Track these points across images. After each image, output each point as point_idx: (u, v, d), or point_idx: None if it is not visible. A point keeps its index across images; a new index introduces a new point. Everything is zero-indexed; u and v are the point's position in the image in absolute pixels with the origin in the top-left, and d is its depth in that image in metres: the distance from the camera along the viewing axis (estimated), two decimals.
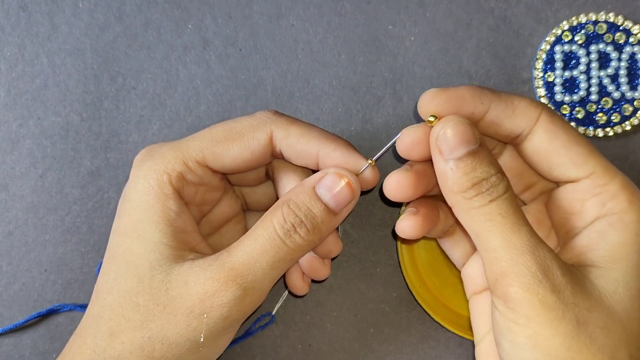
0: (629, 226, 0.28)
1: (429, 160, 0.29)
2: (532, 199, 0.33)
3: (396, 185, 0.30)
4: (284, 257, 0.29)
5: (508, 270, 0.26)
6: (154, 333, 0.29)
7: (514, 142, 0.30)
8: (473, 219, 0.27)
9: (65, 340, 0.31)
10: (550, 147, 0.29)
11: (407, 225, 0.31)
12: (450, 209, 0.31)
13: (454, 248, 0.35)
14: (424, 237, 0.38)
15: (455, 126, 0.28)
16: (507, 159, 0.32)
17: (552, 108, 0.29)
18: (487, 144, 0.30)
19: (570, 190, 0.30)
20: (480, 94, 0.29)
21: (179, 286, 0.29)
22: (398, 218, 0.32)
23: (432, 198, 0.32)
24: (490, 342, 0.32)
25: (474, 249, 0.34)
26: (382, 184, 0.30)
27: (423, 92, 0.29)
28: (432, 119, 0.29)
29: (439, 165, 0.28)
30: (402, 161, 0.39)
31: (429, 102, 0.29)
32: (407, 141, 0.29)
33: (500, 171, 0.28)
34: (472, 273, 0.34)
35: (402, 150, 0.30)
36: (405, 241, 0.37)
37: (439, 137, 0.28)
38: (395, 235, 0.38)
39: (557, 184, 0.31)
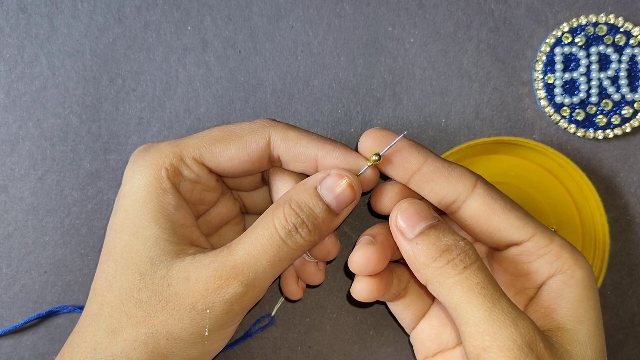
0: (581, 282, 0.29)
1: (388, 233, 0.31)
2: None
3: (362, 260, 0.31)
4: (285, 257, 0.30)
5: (492, 344, 0.26)
6: (157, 329, 0.29)
7: (449, 209, 0.31)
8: (451, 291, 0.27)
9: (65, 341, 0.32)
10: (489, 212, 0.30)
11: (362, 288, 0.32)
12: (403, 270, 0.33)
13: (405, 311, 0.35)
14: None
15: (410, 205, 0.29)
16: None
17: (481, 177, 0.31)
18: None
19: (514, 254, 0.31)
20: (418, 146, 0.31)
21: (181, 282, 0.29)
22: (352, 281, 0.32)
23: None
24: None
25: (425, 311, 0.35)
26: (347, 259, 0.31)
27: (366, 131, 0.31)
28: (375, 157, 0.30)
29: (404, 246, 0.29)
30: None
31: (369, 137, 0.31)
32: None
33: (464, 238, 0.29)
34: (424, 336, 0.35)
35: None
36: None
37: (397, 220, 0.29)
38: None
39: (498, 248, 0.32)
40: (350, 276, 0.39)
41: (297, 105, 0.39)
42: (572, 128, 0.38)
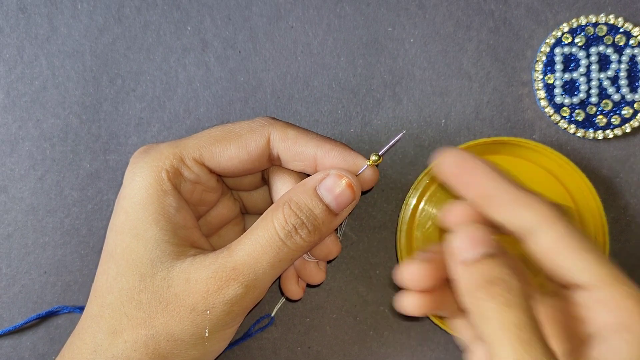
0: None
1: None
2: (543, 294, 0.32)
3: (408, 275, 0.30)
4: (284, 258, 0.30)
5: None
6: (158, 330, 0.29)
7: (520, 237, 0.30)
8: (486, 324, 0.26)
9: (65, 342, 0.32)
10: (555, 249, 0.28)
11: (407, 303, 0.30)
12: None
13: (465, 330, 0.34)
14: (425, 239, 0.38)
15: (472, 230, 0.28)
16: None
17: (560, 207, 0.29)
18: None
19: (577, 296, 0.29)
20: (491, 170, 0.29)
21: (181, 283, 0.29)
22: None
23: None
24: None
25: None
26: (398, 272, 0.30)
27: (443, 151, 0.29)
28: (374, 157, 0.30)
29: (454, 269, 0.28)
30: (398, 159, 0.39)
31: (447, 158, 0.29)
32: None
33: (516, 275, 0.27)
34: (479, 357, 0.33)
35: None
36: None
37: (454, 243, 0.28)
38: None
39: (565, 286, 0.30)
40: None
41: (296, 105, 0.39)
42: (572, 128, 0.38)
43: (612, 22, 0.38)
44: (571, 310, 0.30)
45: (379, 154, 0.32)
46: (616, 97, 0.38)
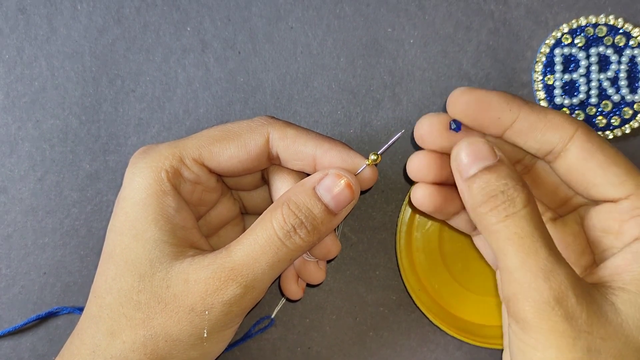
0: None
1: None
2: (568, 212, 0.33)
3: (420, 166, 0.31)
4: (283, 258, 0.30)
5: (521, 293, 0.26)
6: (156, 331, 0.29)
7: (546, 158, 0.30)
8: (492, 238, 0.27)
9: (64, 343, 0.32)
10: (585, 166, 0.29)
11: (420, 195, 0.31)
12: None
13: (485, 247, 0.35)
14: (424, 239, 0.38)
15: (469, 145, 0.28)
16: (540, 172, 0.32)
17: (588, 126, 0.29)
18: (518, 152, 0.30)
19: (608, 210, 0.29)
20: (510, 101, 0.29)
21: (180, 284, 0.30)
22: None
23: None
24: None
25: None
26: (406, 164, 0.32)
27: (453, 91, 0.29)
28: (373, 157, 0.31)
29: (460, 185, 0.29)
30: (398, 159, 0.39)
31: (457, 100, 0.29)
32: (424, 129, 0.30)
33: (519, 183, 0.27)
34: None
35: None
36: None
37: (456, 159, 0.28)
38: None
39: (594, 202, 0.30)
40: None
41: (296, 106, 0.39)
42: None
43: (612, 22, 0.38)
44: (597, 227, 0.30)
45: (378, 153, 0.32)
46: (616, 98, 0.38)
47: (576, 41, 0.38)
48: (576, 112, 0.38)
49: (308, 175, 0.33)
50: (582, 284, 0.27)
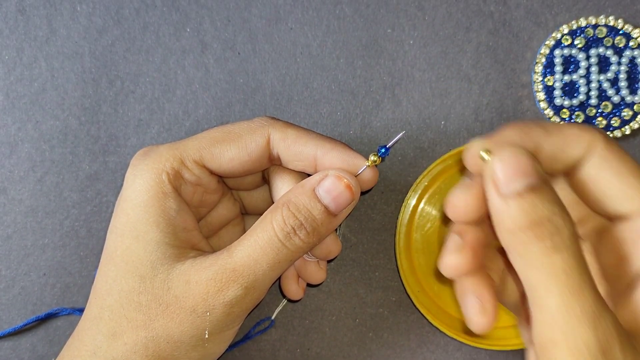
0: None
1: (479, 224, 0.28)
2: (582, 236, 0.30)
3: (454, 268, 0.28)
4: (284, 259, 0.30)
5: (561, 339, 0.23)
6: (158, 332, 0.30)
7: (566, 173, 0.28)
8: (531, 270, 0.24)
9: (64, 344, 0.33)
10: (600, 176, 0.26)
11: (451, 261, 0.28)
12: (499, 259, 0.29)
13: (506, 298, 0.32)
14: (424, 241, 0.38)
15: (513, 155, 0.24)
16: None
17: (609, 135, 0.28)
18: None
19: (623, 230, 0.27)
20: (527, 133, 0.27)
21: (181, 285, 0.30)
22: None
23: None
24: None
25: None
26: (440, 263, 0.28)
27: (468, 145, 0.27)
28: (373, 157, 0.29)
29: (494, 201, 0.25)
30: (397, 160, 0.40)
31: (475, 154, 0.26)
32: (457, 205, 0.27)
33: (565, 212, 0.24)
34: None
35: (454, 217, 0.28)
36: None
37: (494, 169, 0.24)
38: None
39: (611, 220, 0.28)
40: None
41: (296, 107, 0.40)
42: None
43: (611, 23, 0.38)
44: (616, 250, 0.27)
45: (378, 154, 0.32)
46: (616, 99, 0.38)
47: (576, 42, 0.38)
48: (576, 113, 0.39)
49: (309, 175, 0.33)
50: (625, 333, 0.24)
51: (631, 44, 0.38)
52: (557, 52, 0.38)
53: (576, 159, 0.27)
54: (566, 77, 0.39)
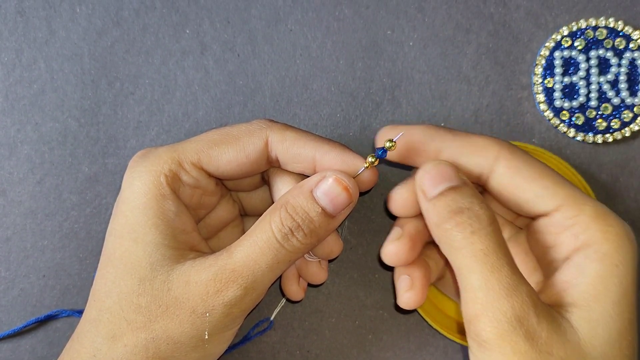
0: (606, 258, 0.28)
1: (419, 216, 0.31)
2: (518, 232, 0.34)
3: (394, 255, 0.32)
4: (283, 260, 0.31)
5: (482, 313, 0.26)
6: (158, 334, 0.30)
7: (480, 182, 0.31)
8: (456, 255, 0.28)
9: (64, 345, 0.33)
10: (512, 183, 0.30)
11: (400, 280, 0.33)
12: (438, 254, 0.32)
13: (449, 291, 0.36)
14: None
15: (435, 166, 0.29)
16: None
17: (513, 144, 0.31)
18: None
19: (544, 224, 0.30)
20: (432, 132, 0.31)
21: (181, 286, 0.30)
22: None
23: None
24: None
25: None
26: (381, 251, 0.32)
27: (380, 130, 0.32)
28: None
29: (423, 205, 0.29)
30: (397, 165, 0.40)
31: (384, 138, 0.31)
32: (398, 201, 0.32)
33: (483, 202, 0.28)
34: None
35: (395, 211, 0.32)
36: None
37: (420, 180, 0.29)
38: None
39: (531, 218, 0.31)
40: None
41: (295, 109, 0.40)
42: (571, 132, 0.39)
43: (612, 25, 0.38)
44: (542, 241, 0.31)
45: (376, 156, 0.32)
46: (616, 100, 0.38)
47: (576, 44, 0.38)
48: (576, 115, 0.39)
49: (308, 177, 0.33)
50: (541, 303, 0.27)
51: (631, 45, 0.38)
52: (557, 53, 0.39)
53: (483, 166, 0.30)
54: (566, 79, 0.39)
